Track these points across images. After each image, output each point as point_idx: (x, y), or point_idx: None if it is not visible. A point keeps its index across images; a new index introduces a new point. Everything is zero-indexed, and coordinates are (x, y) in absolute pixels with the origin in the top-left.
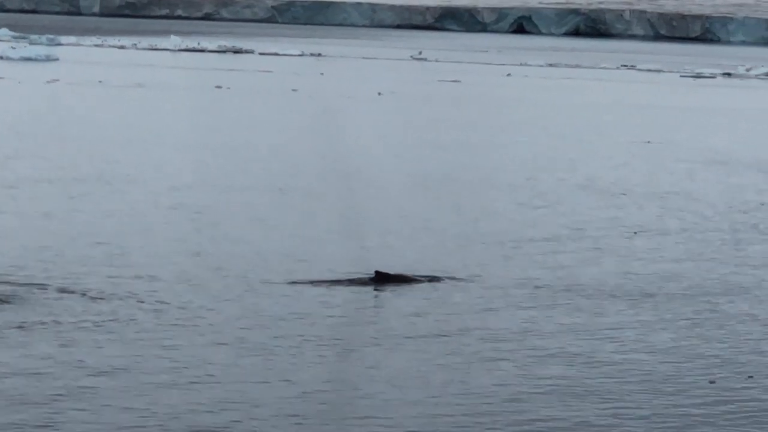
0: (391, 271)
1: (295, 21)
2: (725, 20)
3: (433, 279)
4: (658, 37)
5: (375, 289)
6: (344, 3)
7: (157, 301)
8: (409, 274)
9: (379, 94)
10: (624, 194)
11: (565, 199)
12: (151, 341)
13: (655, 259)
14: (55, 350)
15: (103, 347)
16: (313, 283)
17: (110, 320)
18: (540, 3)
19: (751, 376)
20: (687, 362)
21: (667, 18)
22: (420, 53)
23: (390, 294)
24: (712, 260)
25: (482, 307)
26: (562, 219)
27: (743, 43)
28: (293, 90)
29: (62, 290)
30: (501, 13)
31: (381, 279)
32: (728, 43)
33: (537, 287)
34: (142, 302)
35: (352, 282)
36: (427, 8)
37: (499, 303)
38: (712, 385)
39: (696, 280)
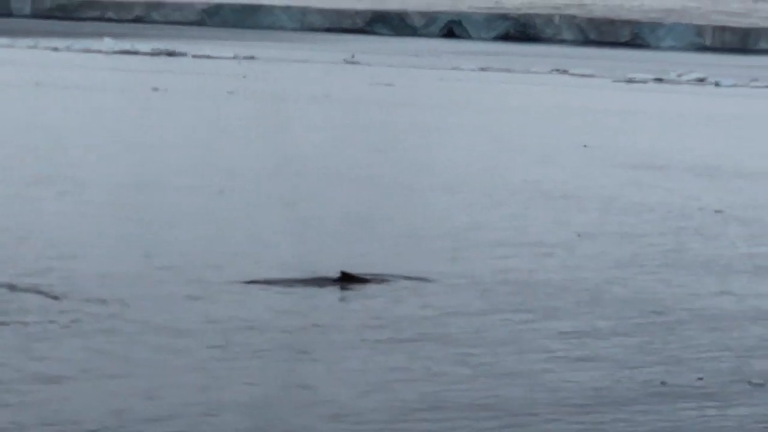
0: (345, 272)
1: (224, 24)
2: (654, 26)
3: (385, 280)
4: (587, 42)
5: (335, 290)
6: (274, 6)
7: (113, 303)
8: (366, 275)
9: (314, 96)
10: (564, 197)
11: (508, 201)
12: (110, 343)
13: (601, 262)
14: (20, 350)
15: (63, 348)
16: (270, 282)
17: (71, 321)
18: (470, 7)
19: (701, 378)
20: (639, 365)
21: (597, 23)
22: (352, 56)
23: (349, 294)
24: (657, 264)
25: (438, 310)
26: (507, 221)
27: (672, 48)
28: (229, 92)
29: (16, 290)
30: (431, 17)
31: (344, 279)
32: (657, 48)
33: (486, 290)
34: (100, 303)
35: (311, 282)
36: (357, 12)
37: (454, 305)
38: (664, 386)
39: (642, 284)
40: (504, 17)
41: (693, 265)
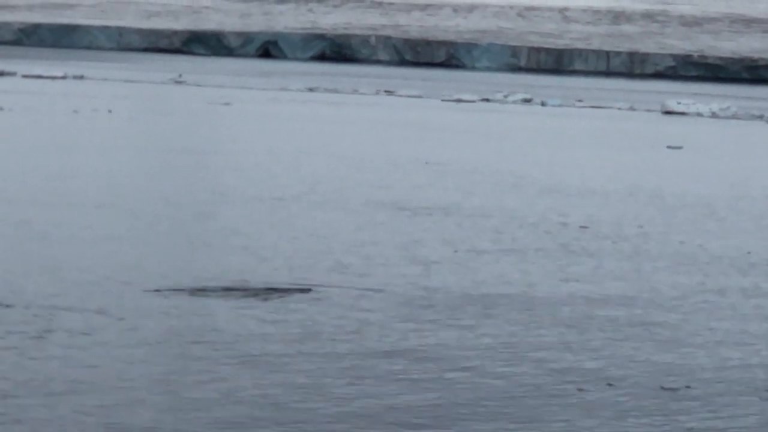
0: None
1: (41, 44)
2: (470, 46)
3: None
4: (403, 63)
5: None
6: (91, 26)
7: (40, 317)
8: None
9: (160, 115)
10: (430, 214)
11: (381, 217)
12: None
13: (486, 273)
14: None
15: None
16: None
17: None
18: (286, 27)
19: (611, 384)
20: (547, 375)
21: (413, 43)
22: (180, 76)
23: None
24: (539, 275)
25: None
26: (392, 238)
27: (488, 69)
28: (74, 111)
29: None
30: (247, 37)
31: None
32: (473, 69)
33: (399, 301)
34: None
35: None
36: (174, 32)
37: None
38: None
39: (527, 292)
40: (320, 37)
41: (574, 278)
